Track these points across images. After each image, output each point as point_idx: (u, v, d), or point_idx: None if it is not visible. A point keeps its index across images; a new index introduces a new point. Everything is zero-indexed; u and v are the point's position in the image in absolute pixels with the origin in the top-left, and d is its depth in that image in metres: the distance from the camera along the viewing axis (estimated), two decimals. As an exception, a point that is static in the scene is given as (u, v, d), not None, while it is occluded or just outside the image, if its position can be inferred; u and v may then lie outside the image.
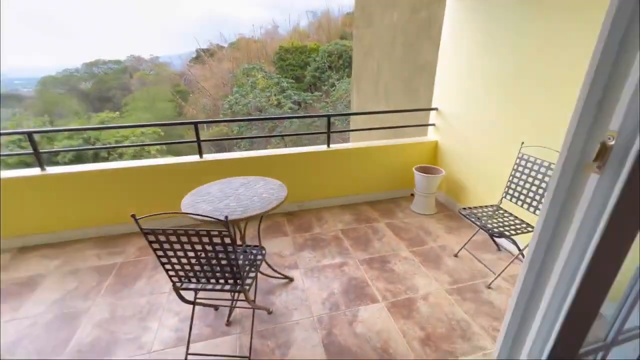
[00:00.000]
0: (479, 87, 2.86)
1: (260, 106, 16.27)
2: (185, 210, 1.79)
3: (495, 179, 2.74)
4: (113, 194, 2.87)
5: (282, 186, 2.12)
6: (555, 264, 0.82)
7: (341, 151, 3.37)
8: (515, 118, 2.51)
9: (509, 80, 2.54)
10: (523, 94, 2.41)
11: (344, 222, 3.20)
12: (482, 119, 2.86)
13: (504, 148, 2.64)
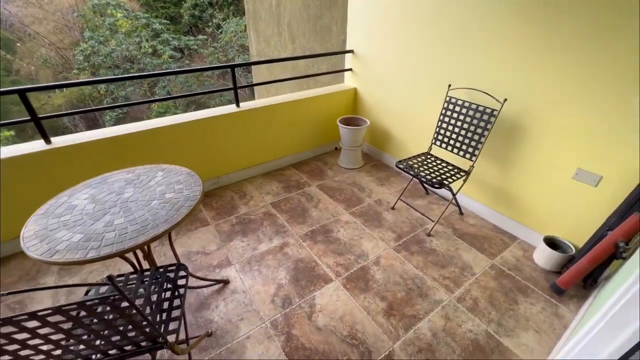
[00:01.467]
0: (399, 22, 2.59)
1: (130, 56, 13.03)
2: (33, 251, 1.08)
3: (422, 125, 2.70)
4: None
5: (191, 176, 1.53)
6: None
7: (254, 110, 2.79)
8: (441, 58, 2.38)
9: (432, 13, 2.33)
10: (453, 28, 2.24)
11: (272, 193, 2.80)
12: (404, 60, 2.67)
13: (430, 91, 2.55)
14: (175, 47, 14.13)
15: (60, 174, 2.07)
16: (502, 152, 2.19)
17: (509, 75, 2.00)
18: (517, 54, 1.92)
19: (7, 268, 2.01)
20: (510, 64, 1.97)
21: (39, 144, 2.02)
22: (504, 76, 2.03)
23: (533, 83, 1.90)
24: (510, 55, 1.96)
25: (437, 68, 2.43)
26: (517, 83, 1.97)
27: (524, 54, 1.88)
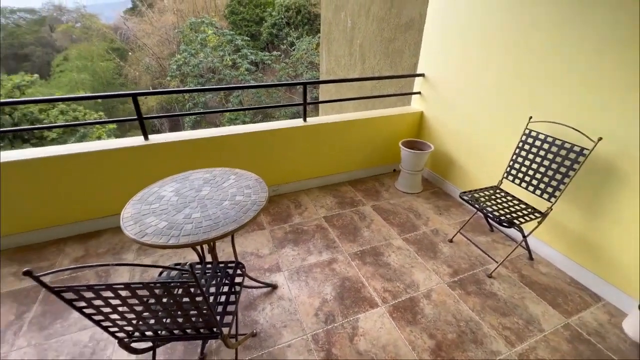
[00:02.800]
0: (476, 48, 2.50)
1: (213, 67, 14.64)
2: (128, 229, 1.28)
3: (493, 157, 2.52)
4: (31, 191, 2.18)
5: (259, 182, 1.66)
6: None
7: (319, 126, 2.91)
8: (521, 87, 2.22)
9: (513, 42, 2.21)
10: (533, 59, 2.10)
11: (326, 207, 2.85)
12: (480, 87, 2.55)
13: (506, 122, 2.38)
14: (251, 61, 15.49)
15: (153, 166, 2.40)
16: (590, 196, 1.92)
17: (605, 111, 1.78)
18: (618, 87, 1.70)
19: (100, 240, 2.37)
20: (608, 98, 1.75)
21: (139, 140, 2.38)
22: (598, 112, 1.81)
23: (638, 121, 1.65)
24: (608, 88, 1.74)
25: (514, 98, 2.26)
26: (617, 120, 1.74)
27: (628, 86, 1.66)
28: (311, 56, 15.06)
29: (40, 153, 2.15)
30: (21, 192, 2.16)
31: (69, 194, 2.28)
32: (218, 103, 15.62)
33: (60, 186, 2.24)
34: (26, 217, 2.24)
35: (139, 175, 2.37)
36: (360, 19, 4.52)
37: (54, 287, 0.85)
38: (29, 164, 2.11)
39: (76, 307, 0.92)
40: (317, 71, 14.94)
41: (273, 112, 14.59)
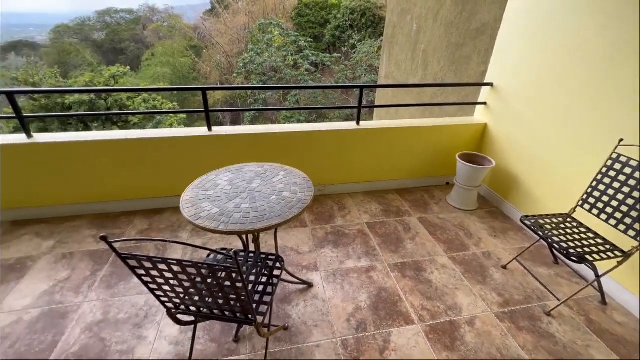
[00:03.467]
0: (558, 56, 2.23)
1: (276, 66, 15.32)
2: (186, 211, 1.40)
3: (567, 181, 2.23)
4: (112, 166, 2.52)
5: (307, 181, 1.69)
6: None
7: (372, 130, 2.87)
8: (610, 103, 1.93)
9: (606, 51, 1.92)
10: (629, 71, 1.80)
11: (370, 213, 2.80)
12: (557, 101, 2.27)
13: (585, 142, 2.09)
14: (312, 62, 15.86)
15: (213, 156, 2.60)
16: (694, 241, 1.59)
17: None
18: None
19: (162, 217, 2.64)
20: None
21: (204, 130, 2.60)
22: None
23: None
24: None
25: (599, 115, 1.96)
26: None
27: None
28: (371, 59, 14.92)
29: (123, 135, 2.48)
30: (105, 167, 2.51)
31: (142, 173, 2.58)
32: (276, 101, 16.33)
33: (136, 165, 2.54)
34: (107, 189, 2.59)
35: (200, 163, 2.59)
36: (426, 23, 4.35)
37: (121, 254, 0.97)
38: (115, 144, 2.44)
39: (137, 273, 1.04)
40: (376, 75, 14.73)
41: (327, 113, 14.77)
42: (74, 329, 1.69)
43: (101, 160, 2.48)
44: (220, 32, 20.48)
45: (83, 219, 2.58)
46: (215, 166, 1.89)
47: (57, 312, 1.78)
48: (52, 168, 2.43)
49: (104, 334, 1.66)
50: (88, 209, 2.63)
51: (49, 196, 2.52)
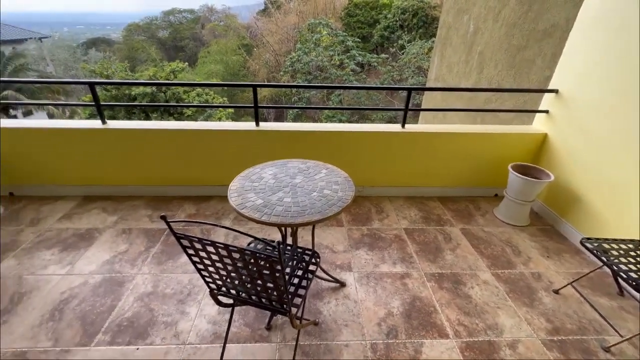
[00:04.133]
0: None
1: (321, 65, 15.46)
2: (233, 200, 1.49)
3: None
4: (168, 154, 2.75)
5: (348, 180, 1.70)
6: None
7: (418, 134, 2.79)
8: None
9: None
10: None
11: (409, 219, 2.72)
12: (634, 114, 2.01)
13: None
14: (358, 62, 15.76)
15: (259, 149, 2.72)
16: None
17: None
18: None
19: (208, 204, 2.82)
20: None
21: (251, 125, 2.72)
22: None
23: None
24: None
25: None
26: None
27: None
28: (420, 61, 14.42)
29: (180, 125, 2.69)
30: (162, 154, 2.74)
31: (193, 161, 2.78)
32: (320, 100, 16.50)
33: (189, 153, 2.75)
34: (162, 174, 2.83)
35: (246, 155, 2.72)
36: (485, 24, 4.09)
37: (176, 233, 1.06)
38: (172, 133, 2.66)
39: (187, 253, 1.13)
40: (424, 77, 14.21)
41: (370, 114, 14.59)
42: (128, 297, 1.88)
43: (159, 147, 2.71)
44: (271, 32, 21.21)
45: (141, 199, 2.85)
46: (260, 160, 1.97)
47: (115, 280, 1.99)
48: (119, 151, 2.71)
49: (153, 305, 1.83)
50: (146, 190, 2.90)
51: (115, 176, 2.82)
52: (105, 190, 2.87)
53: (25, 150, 2.67)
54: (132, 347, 1.60)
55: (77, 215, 2.61)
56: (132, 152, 2.72)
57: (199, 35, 25.37)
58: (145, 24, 26.27)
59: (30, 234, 2.37)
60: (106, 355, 1.55)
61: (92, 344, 1.60)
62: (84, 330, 1.67)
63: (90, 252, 2.21)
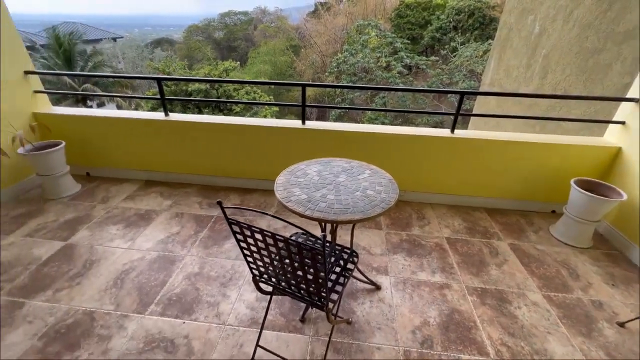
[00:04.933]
0: None
1: (367, 67, 15.32)
2: (279, 193, 1.56)
3: None
4: (219, 146, 2.94)
5: (392, 183, 1.68)
6: None
7: (468, 140, 2.65)
8: None
9: None
10: None
11: (452, 228, 2.60)
12: None
13: None
14: (406, 64, 15.35)
15: (304, 147, 2.80)
16: None
17: None
18: None
19: (252, 196, 2.96)
20: None
21: (297, 123, 2.80)
22: None
23: None
24: None
25: None
26: None
27: None
28: (473, 64, 13.64)
29: (231, 120, 2.86)
30: (213, 146, 2.93)
31: (241, 155, 2.94)
32: (363, 102, 16.37)
33: (237, 147, 2.91)
34: (212, 165, 3.03)
35: (291, 152, 2.82)
36: (553, 25, 3.75)
37: (229, 219, 1.14)
38: (223, 127, 2.84)
39: (236, 238, 1.21)
40: (477, 81, 13.43)
41: (414, 118, 14.14)
42: (178, 275, 2.05)
43: (211, 140, 2.91)
44: (319, 33, 21.50)
45: (193, 187, 3.08)
46: (304, 157, 2.03)
47: (168, 258, 2.18)
48: (177, 142, 2.96)
49: (199, 285, 1.98)
50: (197, 179, 3.13)
51: (172, 164, 3.08)
52: (162, 176, 3.15)
53: (100, 136, 3.03)
54: (179, 320, 1.74)
55: (139, 197, 2.90)
56: (188, 143, 2.95)
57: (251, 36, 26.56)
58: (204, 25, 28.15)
59: (101, 210, 2.69)
60: (157, 324, 1.72)
61: (146, 313, 1.78)
62: (140, 300, 1.86)
63: (148, 231, 2.45)
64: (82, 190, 2.97)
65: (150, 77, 3.43)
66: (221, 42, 27.49)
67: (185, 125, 2.89)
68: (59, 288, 1.92)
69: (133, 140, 3.02)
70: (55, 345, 1.59)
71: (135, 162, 3.12)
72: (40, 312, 1.76)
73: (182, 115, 3.00)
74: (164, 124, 2.91)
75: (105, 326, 1.70)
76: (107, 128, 3.00)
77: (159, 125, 2.92)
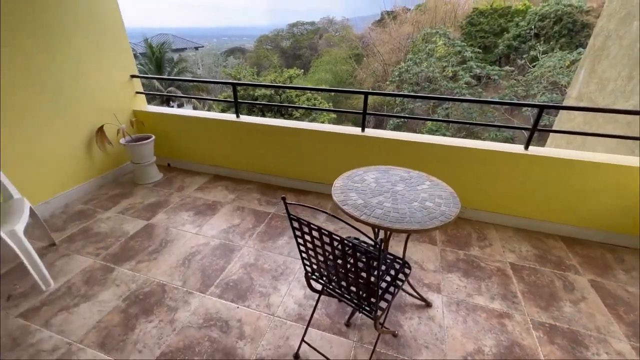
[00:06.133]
0: None
1: (432, 77, 14.73)
2: (336, 196, 1.60)
3: None
4: (280, 148, 3.12)
5: (453, 196, 1.61)
6: None
7: (545, 159, 2.40)
8: None
9: None
10: None
11: (518, 254, 2.36)
12: None
13: None
14: (475, 74, 14.41)
15: (362, 154, 2.83)
16: None
17: None
18: None
19: (306, 198, 3.08)
20: None
21: (357, 130, 2.84)
22: None
23: None
24: None
25: None
26: None
27: None
28: (557, 75, 12.22)
29: (293, 124, 3.02)
30: (275, 147, 3.12)
31: (299, 157, 3.08)
32: (424, 112, 15.76)
33: (296, 150, 3.05)
34: (272, 165, 3.23)
35: (348, 158, 2.86)
36: (667, 31, 3.19)
37: (291, 214, 1.22)
38: (285, 130, 3.01)
39: (295, 233, 1.29)
40: (559, 94, 11.99)
41: (480, 132, 13.14)
42: (235, 263, 2.22)
43: (274, 141, 3.10)
44: (383, 42, 21.36)
45: (253, 184, 3.32)
46: (361, 164, 2.05)
47: (228, 247, 2.38)
48: (244, 141, 3.22)
49: (253, 275, 2.12)
50: (258, 177, 3.35)
51: (237, 162, 3.36)
52: (228, 172, 3.45)
53: (181, 132, 3.45)
54: (234, 304, 1.89)
55: (208, 189, 3.22)
56: (253, 143, 3.20)
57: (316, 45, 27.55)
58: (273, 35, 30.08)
59: (177, 197, 3.05)
60: (215, 305, 1.89)
61: (206, 293, 1.97)
62: (202, 280, 2.06)
63: (213, 220, 2.70)
64: (163, 179, 3.40)
65: (226, 82, 3.84)
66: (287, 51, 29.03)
67: (253, 127, 3.14)
68: (140, 260, 2.23)
69: (207, 137, 3.37)
70: (134, 308, 1.86)
71: (207, 157, 3.47)
72: (125, 278, 2.07)
73: (251, 118, 3.26)
74: (234, 124, 3.19)
75: (174, 299, 1.92)
76: (187, 126, 3.40)
77: (230, 125, 3.22)
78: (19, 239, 1.82)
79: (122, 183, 3.30)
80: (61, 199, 2.86)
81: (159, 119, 3.49)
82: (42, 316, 1.80)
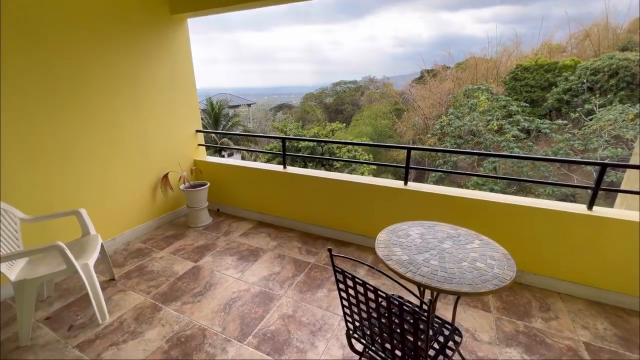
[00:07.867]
0: None
1: (475, 130, 14.52)
2: (379, 250, 1.59)
3: None
4: (322, 198, 3.21)
5: (507, 258, 1.50)
6: None
7: (614, 221, 2.16)
8: None
9: None
10: None
11: (593, 331, 2.03)
12: None
13: None
14: (522, 128, 13.93)
15: (403, 208, 2.80)
16: None
17: None
18: None
19: (347, 250, 3.04)
20: None
21: (400, 184, 2.86)
22: None
23: None
24: None
25: None
26: None
27: None
28: (619, 129, 11.34)
29: (335, 176, 3.13)
30: (316, 197, 3.22)
31: (341, 209, 3.12)
32: (468, 165, 15.27)
33: (338, 201, 3.12)
34: (314, 215, 3.30)
35: (390, 211, 2.84)
36: None
37: (336, 267, 1.24)
38: (328, 181, 3.13)
39: (338, 287, 1.28)
40: (625, 149, 10.98)
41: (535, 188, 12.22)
42: (274, 313, 2.20)
43: (317, 191, 3.22)
44: (423, 97, 22.01)
45: (295, 232, 3.39)
46: (403, 218, 2.03)
47: (267, 295, 2.39)
48: (287, 190, 3.39)
49: (290, 327, 2.07)
50: (299, 226, 3.43)
51: (281, 210, 3.51)
52: (272, 219, 3.59)
53: (231, 180, 3.75)
54: (270, 358, 1.83)
55: (252, 234, 3.36)
56: (297, 193, 3.35)
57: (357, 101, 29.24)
58: (318, 93, 32.75)
59: (223, 241, 3.21)
60: (252, 356, 1.85)
61: (244, 342, 1.95)
62: (241, 328, 2.06)
63: (255, 266, 2.77)
64: (212, 223, 3.64)
65: (277, 137, 4.19)
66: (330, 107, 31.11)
67: (298, 178, 3.32)
68: (185, 301, 2.32)
69: (255, 185, 3.61)
70: (175, 350, 1.89)
71: (253, 204, 3.68)
72: (170, 318, 2.15)
73: (296, 169, 3.47)
74: (281, 175, 3.41)
75: (212, 345, 1.93)
76: (238, 174, 3.71)
77: (277, 175, 3.44)
78: (90, 273, 2.03)
79: (177, 225, 3.59)
80: (124, 237, 3.18)
81: (214, 168, 3.86)
82: (94, 349, 1.91)
